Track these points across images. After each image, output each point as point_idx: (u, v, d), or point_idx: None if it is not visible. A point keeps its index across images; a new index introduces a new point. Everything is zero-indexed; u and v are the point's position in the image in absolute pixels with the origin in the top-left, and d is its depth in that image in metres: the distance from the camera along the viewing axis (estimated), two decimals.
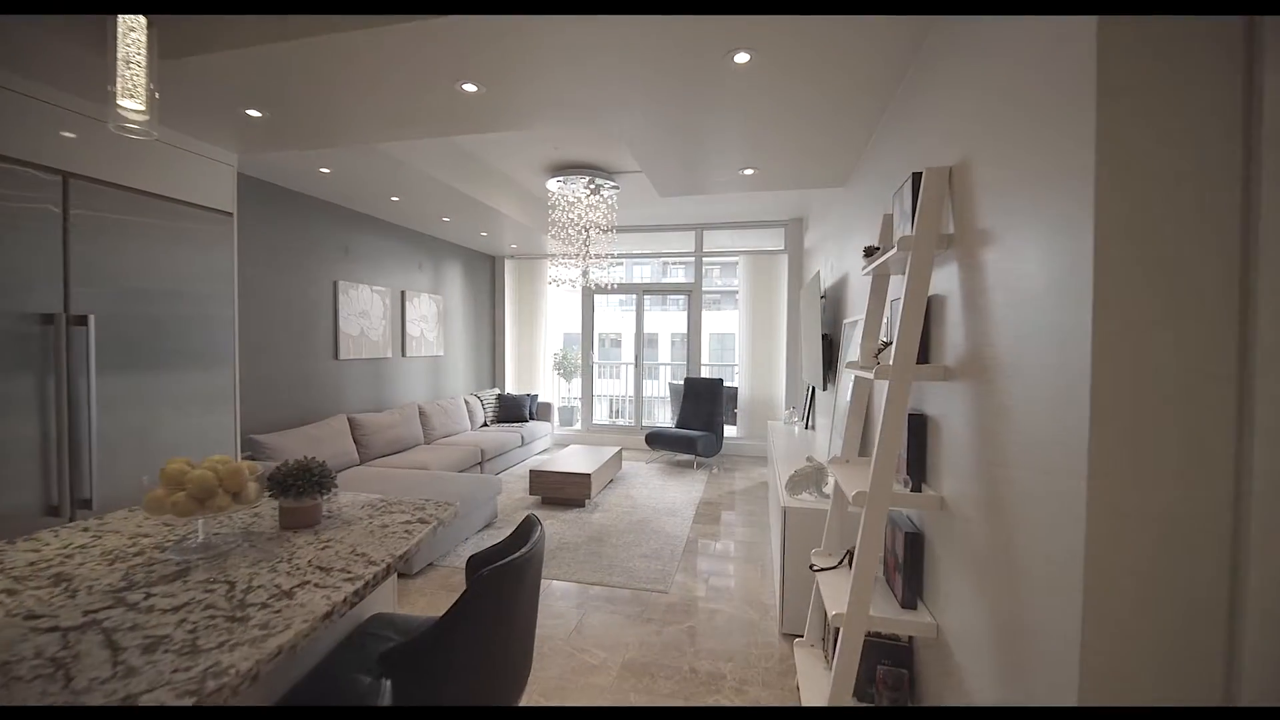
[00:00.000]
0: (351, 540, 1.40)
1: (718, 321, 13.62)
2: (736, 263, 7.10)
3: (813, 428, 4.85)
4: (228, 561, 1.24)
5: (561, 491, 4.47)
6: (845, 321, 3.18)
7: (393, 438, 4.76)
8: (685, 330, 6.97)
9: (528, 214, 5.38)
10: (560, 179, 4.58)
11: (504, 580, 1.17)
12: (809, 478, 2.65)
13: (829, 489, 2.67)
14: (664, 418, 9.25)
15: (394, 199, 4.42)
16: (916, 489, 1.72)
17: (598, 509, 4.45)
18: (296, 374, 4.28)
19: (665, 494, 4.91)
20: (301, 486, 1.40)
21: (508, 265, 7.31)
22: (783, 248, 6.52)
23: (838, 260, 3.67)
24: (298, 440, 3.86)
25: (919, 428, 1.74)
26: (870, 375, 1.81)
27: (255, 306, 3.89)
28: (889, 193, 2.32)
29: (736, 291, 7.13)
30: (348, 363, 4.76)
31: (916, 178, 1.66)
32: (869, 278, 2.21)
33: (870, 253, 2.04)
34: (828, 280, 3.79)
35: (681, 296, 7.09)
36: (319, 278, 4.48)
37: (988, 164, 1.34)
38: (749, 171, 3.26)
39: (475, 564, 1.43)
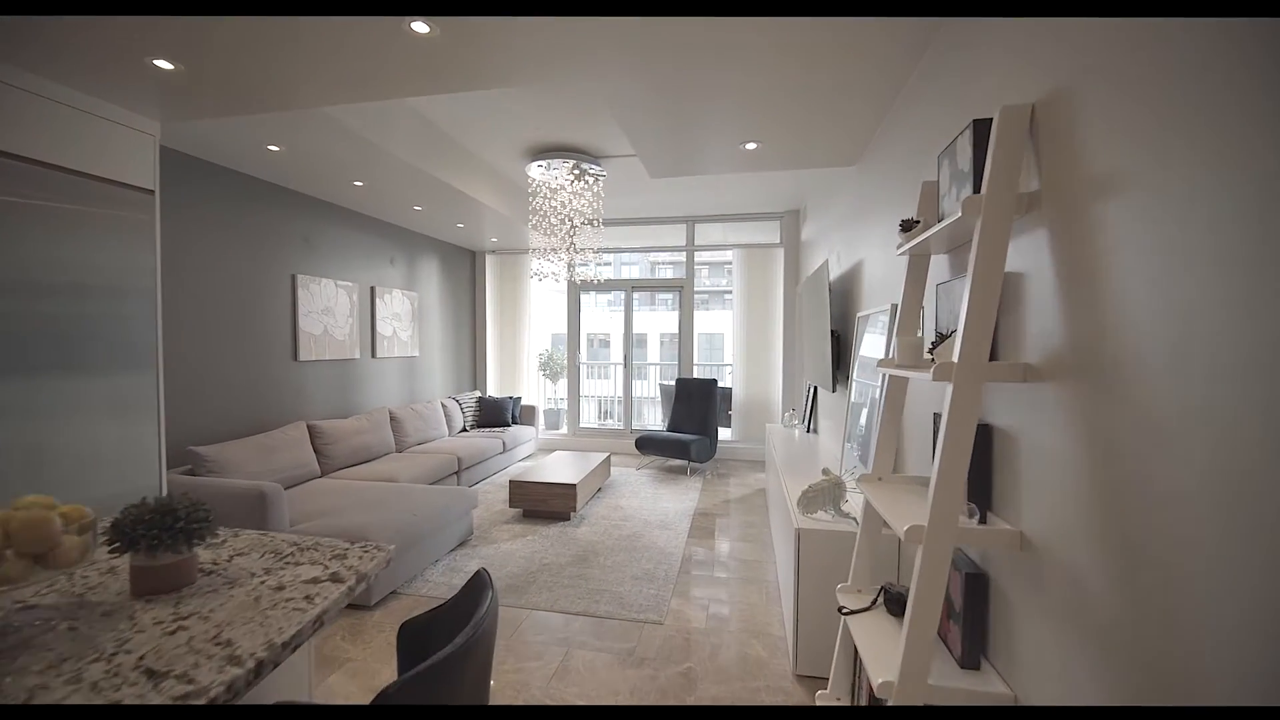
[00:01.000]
0: (222, 615, 1.00)
1: (707, 321, 13.30)
2: (726, 263, 6.79)
3: (815, 431, 4.51)
4: (18, 658, 0.85)
5: (544, 504, 4.09)
6: (858, 315, 2.84)
7: (359, 446, 4.35)
8: (675, 329, 6.61)
9: (508, 203, 4.99)
10: (542, 163, 4.20)
11: (432, 688, 0.79)
12: (825, 494, 2.30)
13: (849, 506, 2.32)
14: (654, 419, 8.90)
15: (357, 184, 4.01)
16: (982, 520, 1.37)
17: (584, 522, 4.07)
18: (249, 377, 3.85)
19: (657, 504, 4.55)
20: (157, 538, 1.00)
21: (489, 261, 6.91)
22: (778, 241, 6.19)
23: (848, 248, 3.33)
24: (246, 451, 3.44)
25: (982, 442, 1.39)
26: (916, 375, 1.46)
27: (198, 301, 3.47)
28: (923, 159, 1.97)
29: (726, 291, 6.81)
30: (309, 365, 4.34)
31: (982, 125, 1.31)
32: (903, 259, 1.86)
33: (908, 227, 1.69)
34: (835, 271, 3.45)
35: (671, 294, 6.73)
36: (275, 271, 4.06)
37: (1112, 86, 0.99)
38: (751, 146, 2.91)
39: (408, 634, 1.05)
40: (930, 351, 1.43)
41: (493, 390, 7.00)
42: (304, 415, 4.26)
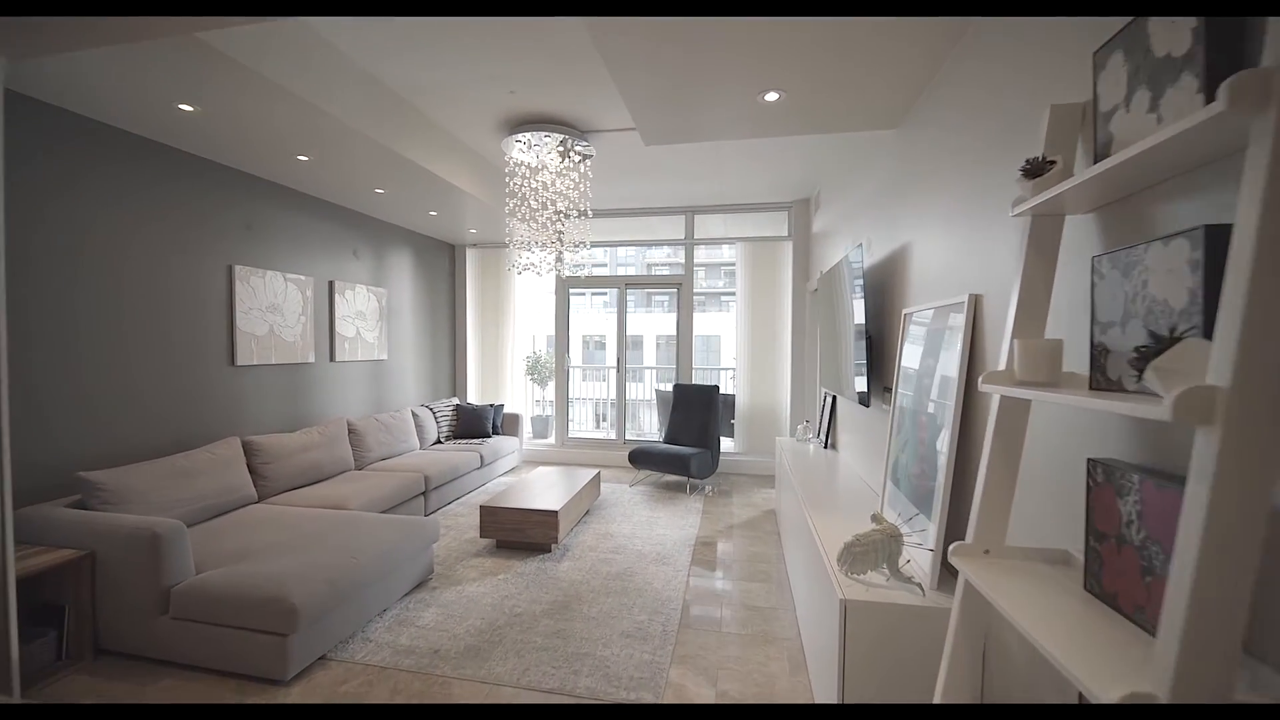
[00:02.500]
0: None
1: (704, 323, 12.72)
2: (725, 264, 6.23)
3: (833, 447, 3.94)
4: None
5: (521, 534, 3.50)
6: (905, 312, 2.27)
7: (307, 464, 3.75)
8: (672, 331, 6.03)
9: (485, 188, 4.41)
10: (522, 138, 3.62)
11: None
12: (877, 550, 1.72)
13: (910, 567, 1.75)
14: (649, 423, 8.32)
15: (301, 158, 3.41)
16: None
17: (567, 555, 3.48)
18: (170, 386, 3.26)
19: (653, 529, 3.96)
20: None
21: (470, 255, 6.32)
22: (786, 234, 5.62)
23: (884, 231, 2.76)
24: (156, 476, 2.83)
25: None
26: (1055, 397, 0.88)
27: (100, 295, 2.87)
28: (1000, 116, 1.40)
29: (725, 293, 6.25)
30: (250, 370, 3.74)
31: None
32: (1003, 230, 1.29)
33: (1037, 170, 1.11)
34: (868, 260, 2.87)
35: (668, 294, 6.16)
36: (207, 261, 3.46)
37: None
38: (772, 97, 2.32)
39: None
40: (1139, 361, 0.84)
41: (474, 397, 6.40)
42: (242, 429, 3.66)
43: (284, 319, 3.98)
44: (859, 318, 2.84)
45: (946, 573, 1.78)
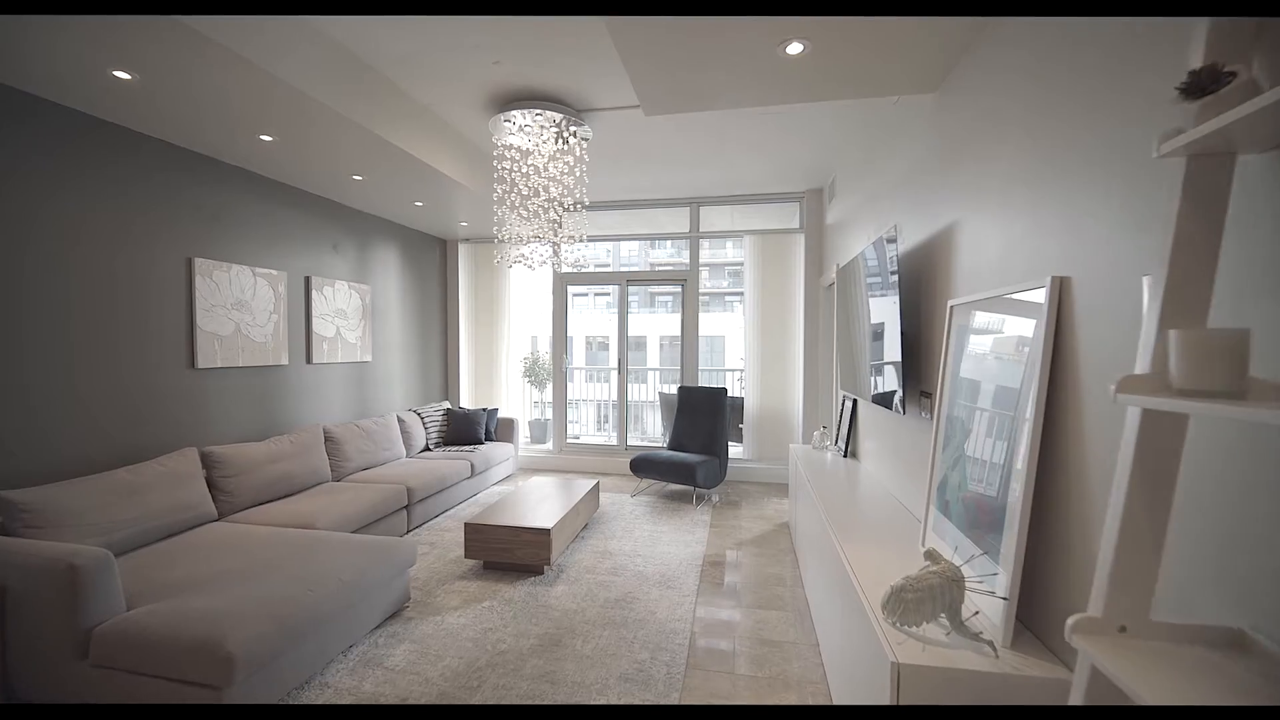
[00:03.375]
0: None
1: (708, 323, 12.35)
2: (730, 265, 5.89)
3: (853, 455, 3.60)
4: None
5: (509, 554, 3.16)
6: (952, 304, 1.92)
7: (276, 477, 3.42)
8: (678, 331, 5.70)
9: (472, 174, 4.08)
10: (511, 116, 3.29)
11: None
12: (935, 596, 1.37)
13: (978, 619, 1.40)
14: (654, 425, 7.98)
15: (264, 138, 3.08)
16: None
17: (561, 577, 3.14)
18: (122, 390, 2.94)
19: (656, 547, 3.62)
20: None
21: (462, 250, 5.99)
22: (798, 226, 5.28)
23: (921, 211, 2.40)
24: (93, 493, 2.51)
25: None
26: (1234, 411, 0.53)
27: (28, 290, 2.55)
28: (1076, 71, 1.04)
29: (730, 293, 5.90)
30: (213, 374, 3.42)
31: None
32: (1116, 185, 0.96)
33: (1203, 86, 0.77)
34: (902, 245, 2.51)
35: (671, 294, 5.82)
36: (163, 252, 3.14)
37: None
38: (795, 48, 1.98)
39: None
40: None
41: (467, 402, 6.07)
42: (203, 439, 3.33)
43: (253, 317, 3.65)
44: (890, 313, 2.49)
45: (1021, 624, 1.43)
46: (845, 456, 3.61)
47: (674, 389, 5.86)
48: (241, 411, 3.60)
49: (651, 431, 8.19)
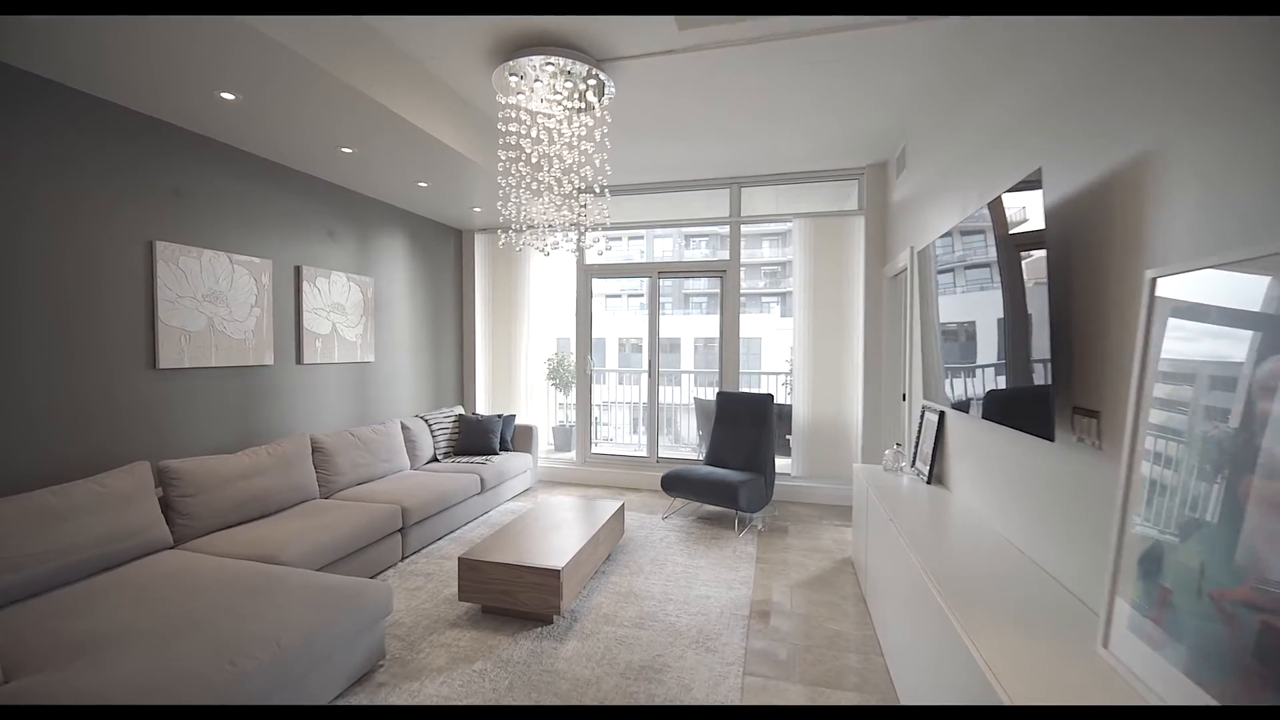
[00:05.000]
0: None
1: (742, 325, 11.62)
2: (764, 265, 5.23)
3: (939, 481, 2.89)
4: None
5: (511, 598, 2.58)
6: (1152, 276, 1.23)
7: (249, 495, 2.93)
8: (715, 331, 5.06)
9: (479, 146, 3.54)
10: (519, 66, 2.73)
11: None
12: None
13: None
14: (687, 429, 7.35)
15: (224, 95, 2.60)
16: None
17: (575, 629, 2.55)
18: (63, 393, 2.49)
19: (692, 587, 2.99)
20: None
21: (478, 241, 5.49)
22: (856, 208, 4.57)
23: (1086, 146, 1.68)
24: (6, 518, 2.04)
25: None
26: None
27: None
28: None
29: (764, 294, 5.26)
30: (179, 374, 2.96)
31: None
32: None
33: None
34: (1048, 198, 1.78)
35: (706, 295, 5.19)
36: (119, 234, 2.70)
37: None
38: None
39: None
40: None
41: (483, 407, 5.56)
42: (163, 450, 2.87)
43: (229, 310, 3.19)
44: (1012, 299, 1.80)
45: None
46: (929, 482, 2.90)
47: (710, 395, 5.22)
48: (214, 419, 3.13)
49: (685, 435, 7.56)
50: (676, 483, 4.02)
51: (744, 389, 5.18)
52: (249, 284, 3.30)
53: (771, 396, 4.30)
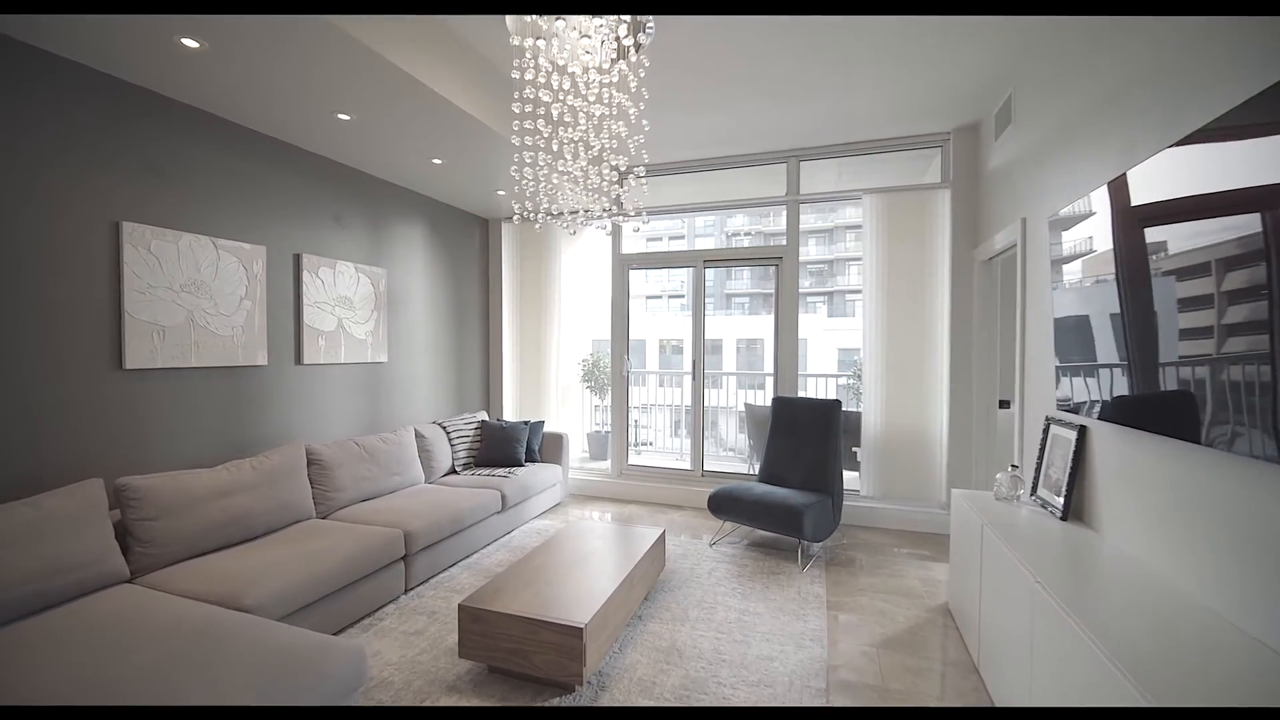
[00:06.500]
0: None
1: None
2: (809, 264, 4.51)
3: (1077, 518, 2.20)
4: None
5: (523, 660, 2.04)
6: None
7: (229, 517, 2.50)
8: (756, 333, 4.45)
9: (496, 110, 3.06)
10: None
11: None
12: None
13: None
14: (730, 433, 6.73)
15: (187, 43, 2.17)
16: None
17: (601, 699, 1.99)
18: (9, 397, 2.12)
19: (750, 643, 2.39)
20: None
21: (506, 232, 5.03)
22: (940, 180, 3.87)
23: None
24: None
25: None
26: None
27: None
28: None
29: (809, 294, 4.55)
30: (151, 375, 2.57)
31: None
32: None
33: None
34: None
35: (749, 294, 4.56)
36: (79, 213, 2.32)
37: None
38: None
39: None
40: None
41: (510, 413, 5.09)
42: (127, 464, 2.48)
43: (214, 303, 2.80)
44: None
45: None
46: (1063, 518, 2.21)
47: (765, 400, 4.61)
48: (193, 427, 2.74)
49: (729, 439, 6.94)
50: (727, 504, 3.42)
51: (813, 395, 4.52)
52: (238, 273, 2.91)
53: (839, 403, 3.65)
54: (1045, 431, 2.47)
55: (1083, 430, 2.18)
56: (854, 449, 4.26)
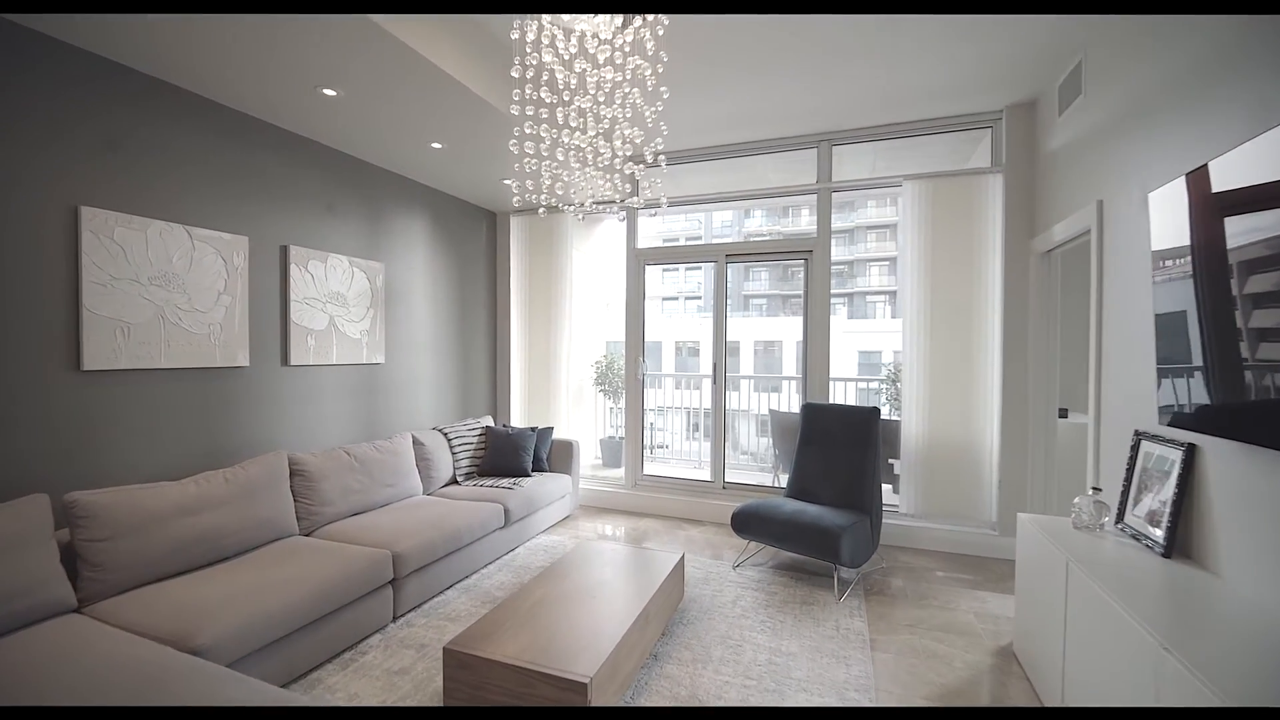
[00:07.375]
0: None
1: (797, 327, 10.40)
2: (837, 263, 4.11)
3: (1185, 554, 1.84)
4: None
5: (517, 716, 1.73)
6: None
7: (195, 537, 2.23)
8: (774, 335, 4.11)
9: (498, 86, 2.76)
10: None
11: None
12: None
13: None
14: (747, 437, 6.37)
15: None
16: None
17: None
18: None
19: (784, 693, 2.05)
20: None
21: (515, 225, 4.75)
22: (990, 164, 3.49)
23: None
24: None
25: None
26: None
27: None
28: None
29: (830, 294, 4.11)
30: (114, 378, 2.32)
31: None
32: None
33: None
34: None
35: (767, 295, 4.22)
36: (29, 195, 2.07)
37: None
38: None
39: None
40: None
41: (519, 418, 4.80)
42: (82, 477, 2.22)
43: (188, 298, 2.54)
44: None
45: None
46: (1165, 555, 1.84)
47: (793, 407, 4.25)
48: (161, 435, 2.48)
49: (746, 443, 6.57)
50: (754, 524, 3.08)
51: (847, 402, 4.16)
52: (216, 265, 2.65)
53: (878, 410, 3.29)
54: (1134, 448, 2.10)
55: (1191, 449, 1.81)
56: (890, 461, 3.89)
